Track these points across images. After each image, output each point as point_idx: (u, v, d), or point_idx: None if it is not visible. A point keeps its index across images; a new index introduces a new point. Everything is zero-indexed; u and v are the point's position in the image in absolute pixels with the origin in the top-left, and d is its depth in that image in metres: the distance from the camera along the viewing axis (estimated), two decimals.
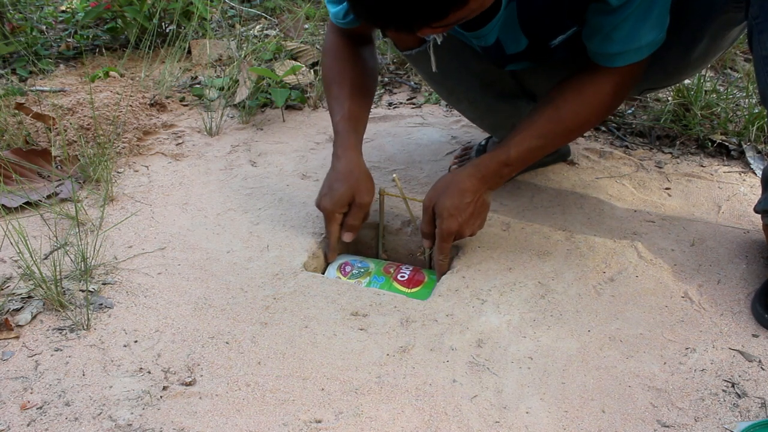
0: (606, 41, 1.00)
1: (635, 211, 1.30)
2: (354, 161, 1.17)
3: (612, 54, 1.02)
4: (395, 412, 0.86)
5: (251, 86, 1.76)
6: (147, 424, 0.84)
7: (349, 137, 1.18)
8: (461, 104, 1.39)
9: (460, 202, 1.08)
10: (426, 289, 1.13)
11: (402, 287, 1.14)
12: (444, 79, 1.30)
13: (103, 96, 1.65)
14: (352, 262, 1.20)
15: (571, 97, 1.06)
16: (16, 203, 1.29)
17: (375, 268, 1.18)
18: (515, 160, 1.08)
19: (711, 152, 1.51)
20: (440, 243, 1.11)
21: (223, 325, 1.01)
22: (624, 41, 0.99)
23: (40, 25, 2.34)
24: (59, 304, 1.03)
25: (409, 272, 1.16)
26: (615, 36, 0.99)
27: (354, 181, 1.15)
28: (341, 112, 1.19)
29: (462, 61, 1.24)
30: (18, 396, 0.88)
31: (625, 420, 0.85)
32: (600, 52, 1.03)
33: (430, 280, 1.15)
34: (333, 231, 1.17)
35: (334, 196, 1.15)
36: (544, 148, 1.10)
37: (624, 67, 1.03)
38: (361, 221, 1.18)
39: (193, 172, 1.47)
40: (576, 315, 1.03)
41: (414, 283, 1.14)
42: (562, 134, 1.10)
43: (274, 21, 2.47)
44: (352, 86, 1.21)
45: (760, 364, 0.93)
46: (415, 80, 1.97)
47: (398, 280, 1.15)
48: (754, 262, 1.13)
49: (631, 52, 1.01)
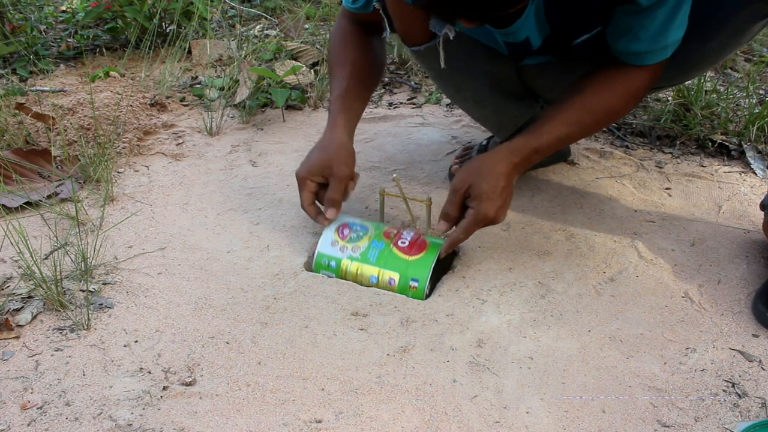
0: (633, 41, 1.00)
1: (635, 211, 1.30)
2: (337, 137, 1.14)
3: (639, 53, 1.01)
4: (395, 412, 0.86)
5: (251, 86, 1.76)
6: (147, 424, 0.84)
7: (338, 116, 1.16)
8: (467, 103, 1.39)
9: (497, 185, 1.04)
10: (429, 255, 1.09)
11: (402, 254, 1.09)
12: (451, 77, 1.29)
13: (104, 96, 1.65)
14: (351, 224, 1.15)
15: (601, 86, 1.06)
16: (16, 203, 1.29)
17: (375, 231, 1.14)
18: (546, 147, 1.06)
19: (711, 152, 1.51)
20: (471, 226, 1.05)
21: (224, 325, 1.01)
22: (651, 40, 0.99)
23: (41, 25, 2.34)
24: (59, 304, 1.03)
25: (410, 238, 1.11)
26: (642, 35, 0.98)
27: (333, 152, 1.12)
28: (337, 90, 1.18)
29: (470, 58, 1.23)
30: (18, 396, 0.88)
31: (626, 420, 0.85)
32: (626, 51, 1.02)
33: (433, 246, 1.10)
34: (304, 198, 1.14)
35: (308, 164, 1.14)
36: (572, 137, 1.10)
37: (651, 65, 1.03)
38: (341, 195, 1.14)
39: (194, 172, 1.47)
40: (576, 315, 1.03)
41: (416, 249, 1.10)
42: (591, 124, 1.09)
43: (274, 21, 2.47)
44: (354, 68, 1.19)
45: (760, 364, 0.93)
46: (415, 80, 1.97)
47: (399, 246, 1.10)
48: (754, 262, 1.13)
49: (657, 51, 1.01)
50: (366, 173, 1.45)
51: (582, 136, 1.16)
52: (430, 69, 1.30)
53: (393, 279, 1.09)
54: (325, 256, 1.13)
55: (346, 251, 1.12)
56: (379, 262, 1.10)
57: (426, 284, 1.07)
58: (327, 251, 1.13)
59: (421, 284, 1.07)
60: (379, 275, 1.10)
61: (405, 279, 1.08)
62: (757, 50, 2.03)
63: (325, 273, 1.13)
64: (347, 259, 1.11)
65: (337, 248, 1.13)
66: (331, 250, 1.13)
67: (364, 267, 1.10)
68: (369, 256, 1.11)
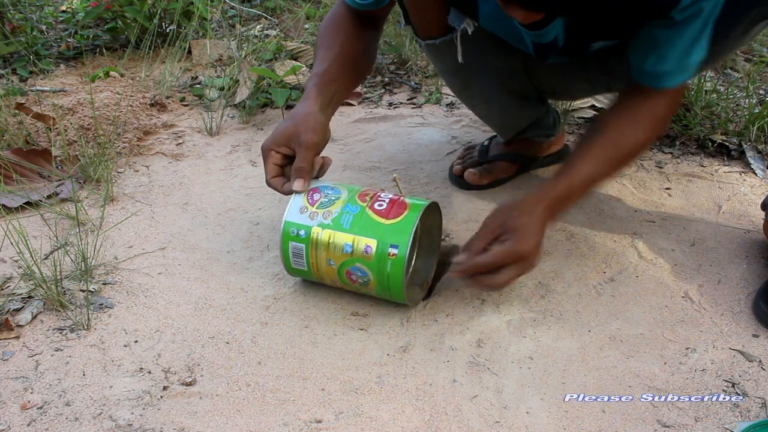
0: (659, 60, 0.97)
1: (635, 211, 1.30)
2: (306, 106, 1.04)
3: (663, 73, 0.98)
4: (395, 412, 0.86)
5: (251, 86, 1.76)
6: (147, 424, 0.84)
7: (312, 90, 1.06)
8: (473, 99, 1.37)
9: (534, 223, 0.95)
10: (410, 216, 0.95)
11: (380, 217, 0.96)
12: (461, 72, 1.27)
13: (104, 96, 1.65)
14: (321, 189, 1.02)
15: (624, 120, 1.03)
16: (16, 203, 1.29)
17: (348, 195, 1.00)
18: (578, 186, 1.00)
19: (711, 152, 1.51)
20: (502, 256, 0.93)
21: (224, 325, 1.01)
22: (677, 59, 0.96)
23: (41, 25, 2.34)
24: (59, 304, 1.03)
25: (388, 200, 0.98)
26: (669, 54, 0.96)
27: (299, 120, 1.02)
28: (317, 69, 1.10)
29: (481, 54, 1.22)
30: (18, 396, 0.88)
31: (626, 420, 0.85)
32: (651, 71, 0.99)
33: (414, 207, 0.97)
34: (268, 170, 1.03)
35: (273, 134, 1.03)
36: (602, 175, 1.04)
37: (675, 88, 1.00)
38: (309, 164, 1.01)
39: (194, 172, 1.47)
40: (576, 315, 1.03)
41: (394, 211, 0.96)
42: (618, 159, 1.04)
43: (274, 21, 2.47)
44: (340, 54, 1.12)
45: (760, 364, 0.93)
46: (415, 80, 1.97)
47: (375, 209, 0.97)
48: (754, 262, 1.13)
49: (680, 72, 0.98)
50: (366, 173, 1.45)
51: (612, 173, 1.07)
52: (440, 63, 1.29)
53: (370, 247, 0.95)
54: (293, 224, 0.99)
55: (316, 218, 0.98)
56: (353, 228, 0.96)
57: (407, 250, 0.93)
58: (295, 219, 0.99)
59: (401, 251, 0.94)
60: (354, 243, 0.96)
61: (383, 246, 0.94)
62: (757, 50, 2.03)
63: (294, 246, 1.00)
64: (318, 226, 0.97)
65: (306, 215, 0.99)
66: (299, 218, 0.99)
67: (336, 235, 0.96)
68: (342, 222, 0.97)
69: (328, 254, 0.98)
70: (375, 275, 0.96)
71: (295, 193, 1.01)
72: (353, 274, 0.97)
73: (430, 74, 2.01)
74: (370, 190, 1.01)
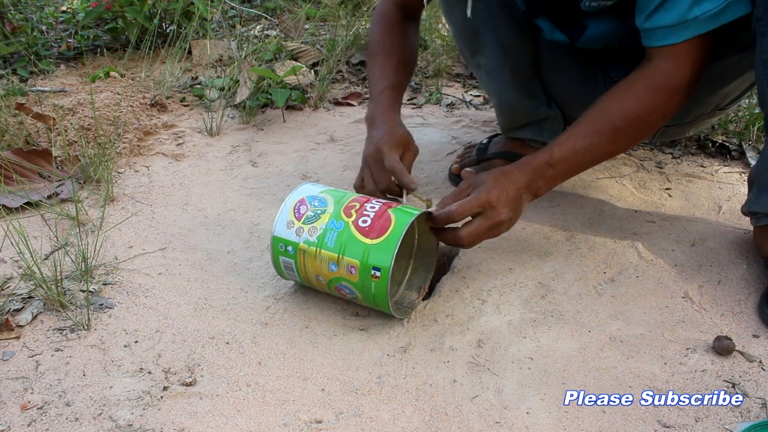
0: (660, 11, 0.91)
1: (636, 211, 1.30)
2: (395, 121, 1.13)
3: (661, 27, 0.92)
4: (395, 413, 0.86)
5: (252, 86, 1.76)
6: (147, 424, 0.84)
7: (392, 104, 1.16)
8: (479, 70, 1.37)
9: (506, 185, 0.97)
10: (393, 236, 0.90)
11: (362, 236, 0.92)
12: (470, 37, 1.29)
13: (104, 96, 1.65)
14: (308, 200, 0.98)
15: (618, 91, 0.98)
16: (16, 203, 1.29)
17: (334, 207, 0.96)
18: (558, 160, 1.00)
19: (711, 153, 1.51)
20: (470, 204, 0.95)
21: (224, 325, 1.01)
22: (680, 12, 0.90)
23: (41, 25, 2.34)
24: (60, 304, 1.03)
25: (373, 215, 0.94)
26: (671, 5, 0.90)
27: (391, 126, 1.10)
28: (386, 81, 1.18)
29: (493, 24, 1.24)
30: (18, 396, 0.88)
31: (626, 420, 0.85)
32: (650, 27, 0.94)
33: (398, 224, 0.92)
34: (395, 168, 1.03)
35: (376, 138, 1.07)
36: (591, 150, 1.01)
37: (680, 48, 0.93)
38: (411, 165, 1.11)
39: (194, 173, 1.47)
40: (576, 315, 1.03)
41: (378, 230, 0.92)
42: (609, 133, 0.99)
43: (274, 21, 2.47)
44: (400, 60, 1.21)
45: (760, 365, 0.93)
46: (415, 80, 1.97)
47: (359, 226, 0.93)
48: (754, 263, 1.13)
49: (684, 26, 0.90)
50: None
51: (605, 149, 1.03)
52: (453, 20, 1.31)
53: (353, 268, 0.92)
54: (281, 240, 0.98)
55: (302, 234, 0.96)
56: (336, 248, 0.93)
57: (389, 273, 0.90)
58: (282, 234, 0.98)
59: (383, 274, 0.90)
60: (338, 263, 0.93)
61: (365, 268, 0.91)
62: None
63: (285, 260, 0.99)
64: (304, 243, 0.96)
65: (293, 231, 0.97)
66: (286, 233, 0.97)
67: (321, 253, 0.94)
68: (326, 240, 0.94)
69: (315, 270, 0.97)
70: (361, 294, 0.96)
71: (283, 204, 1.00)
72: (342, 289, 0.98)
73: (430, 74, 2.01)
74: (357, 200, 0.98)
